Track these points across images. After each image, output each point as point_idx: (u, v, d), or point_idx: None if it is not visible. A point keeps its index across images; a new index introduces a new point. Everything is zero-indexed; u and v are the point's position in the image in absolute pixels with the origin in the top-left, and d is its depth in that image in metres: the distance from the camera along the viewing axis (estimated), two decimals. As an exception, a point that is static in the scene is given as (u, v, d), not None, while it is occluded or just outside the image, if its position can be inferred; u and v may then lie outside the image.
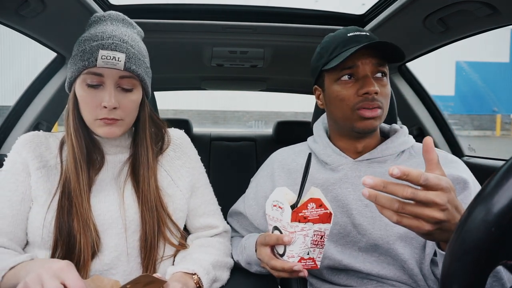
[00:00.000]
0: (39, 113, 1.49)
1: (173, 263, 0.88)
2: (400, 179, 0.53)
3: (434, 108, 1.75)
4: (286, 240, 0.69)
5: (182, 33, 1.41)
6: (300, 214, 0.68)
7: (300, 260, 0.70)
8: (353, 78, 0.84)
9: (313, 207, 0.68)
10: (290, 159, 0.98)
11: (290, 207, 0.69)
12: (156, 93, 2.13)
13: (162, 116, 1.51)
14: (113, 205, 0.82)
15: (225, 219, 1.03)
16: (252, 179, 1.08)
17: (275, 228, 0.73)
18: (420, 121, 1.76)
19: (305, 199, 0.70)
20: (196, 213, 0.95)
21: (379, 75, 0.84)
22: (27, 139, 0.84)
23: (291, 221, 0.68)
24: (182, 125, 1.55)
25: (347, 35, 0.84)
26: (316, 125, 1.01)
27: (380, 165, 0.87)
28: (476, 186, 0.81)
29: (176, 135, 0.98)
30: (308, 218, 0.68)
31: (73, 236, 0.77)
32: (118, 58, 0.76)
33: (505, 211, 0.35)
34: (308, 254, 0.71)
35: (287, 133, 2.14)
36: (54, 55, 1.45)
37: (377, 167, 0.87)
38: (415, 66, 1.71)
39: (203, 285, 0.78)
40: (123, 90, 0.80)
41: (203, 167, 1.00)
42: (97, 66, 0.75)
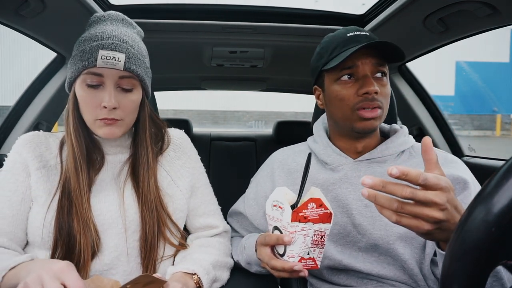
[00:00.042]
0: (39, 113, 1.49)
1: (173, 263, 0.88)
2: (399, 179, 0.53)
3: (434, 108, 1.75)
4: (287, 240, 0.69)
5: (182, 33, 1.41)
6: (300, 214, 0.68)
7: (301, 260, 0.70)
8: (353, 78, 0.84)
9: (313, 207, 0.68)
10: (290, 159, 0.98)
11: (290, 207, 0.69)
12: (156, 93, 2.13)
13: (162, 116, 1.51)
14: (113, 205, 0.82)
15: (225, 219, 1.03)
16: (252, 179, 1.08)
17: (275, 228, 0.73)
18: (420, 121, 1.76)
19: (305, 199, 0.70)
20: (196, 213, 0.95)
21: (379, 75, 0.84)
22: (27, 139, 0.84)
23: (292, 221, 0.68)
24: (182, 125, 1.55)
25: (347, 35, 0.84)
26: (316, 125, 1.01)
27: (380, 165, 0.87)
28: (476, 186, 0.81)
29: (176, 135, 0.98)
30: (308, 218, 0.68)
31: (73, 236, 0.77)
32: (118, 58, 0.76)
33: (505, 211, 0.35)
34: (309, 254, 0.71)
35: (287, 133, 2.14)
36: (54, 55, 1.45)
37: (377, 167, 0.87)
38: (415, 66, 1.71)
39: (203, 285, 0.78)
40: (123, 90, 0.80)
41: (203, 167, 1.00)
42: (97, 66, 0.75)
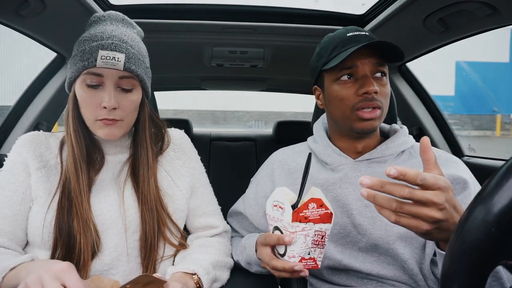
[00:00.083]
0: (39, 113, 1.49)
1: (173, 263, 0.88)
2: (397, 179, 0.53)
3: (434, 108, 1.75)
4: (287, 240, 0.68)
5: (182, 33, 1.41)
6: (301, 214, 0.67)
7: (301, 260, 0.70)
8: (352, 78, 0.84)
9: (314, 207, 0.68)
10: (290, 159, 0.98)
11: (291, 207, 0.69)
12: (156, 93, 2.13)
13: (162, 116, 1.51)
14: (113, 205, 0.82)
15: (225, 219, 1.03)
16: (252, 179, 1.08)
17: (276, 228, 0.73)
18: (420, 121, 1.76)
19: (305, 199, 0.70)
20: (196, 213, 0.95)
21: (378, 75, 0.84)
22: (27, 139, 0.84)
23: (292, 221, 0.67)
24: (182, 125, 1.55)
25: (347, 35, 0.84)
26: (316, 125, 1.01)
27: (380, 165, 0.87)
28: (476, 186, 0.81)
29: (176, 135, 0.98)
30: (309, 218, 0.68)
31: (73, 236, 0.77)
32: (118, 58, 0.76)
33: (505, 211, 0.35)
34: (309, 254, 0.71)
35: (287, 133, 2.14)
36: (54, 55, 1.45)
37: (377, 167, 0.87)
38: (415, 66, 1.71)
39: (203, 285, 0.78)
40: (122, 90, 0.80)
41: (203, 167, 1.00)
42: (96, 66, 0.75)
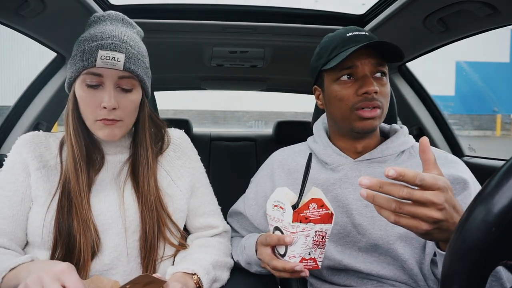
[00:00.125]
0: (39, 113, 1.49)
1: (173, 263, 0.88)
2: (396, 179, 0.53)
3: (434, 108, 1.75)
4: (288, 241, 0.68)
5: (182, 33, 1.41)
6: (301, 215, 0.67)
7: (302, 261, 0.70)
8: (352, 78, 0.84)
9: (314, 208, 0.68)
10: (290, 159, 0.98)
11: (291, 208, 0.69)
12: (156, 93, 2.13)
13: (162, 116, 1.51)
14: (113, 205, 0.82)
15: (225, 219, 1.03)
16: (252, 179, 1.08)
17: (276, 229, 0.73)
18: (420, 121, 1.76)
19: (306, 199, 0.70)
20: (196, 213, 0.95)
21: (378, 74, 0.84)
22: (27, 139, 0.84)
23: (293, 222, 0.67)
24: (182, 125, 1.55)
25: (346, 35, 0.84)
26: (316, 125, 1.01)
27: (380, 165, 0.87)
28: (476, 186, 0.81)
29: (176, 135, 0.98)
30: (310, 219, 0.68)
31: (73, 236, 0.77)
32: (118, 58, 0.76)
33: (505, 211, 0.35)
34: (310, 254, 0.71)
35: (287, 133, 2.14)
36: (54, 55, 1.45)
37: (377, 167, 0.87)
38: (415, 66, 1.71)
39: (203, 285, 0.78)
40: (122, 90, 0.80)
41: (203, 167, 1.00)
42: (96, 66, 0.75)
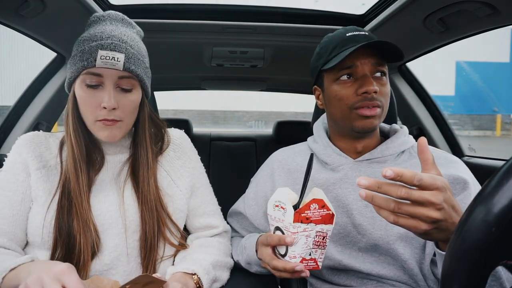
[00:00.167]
0: (39, 113, 1.49)
1: (173, 263, 0.88)
2: (394, 180, 0.53)
3: (434, 108, 1.75)
4: (289, 241, 0.68)
5: (182, 33, 1.41)
6: (302, 215, 0.67)
7: (302, 261, 0.70)
8: (352, 77, 0.84)
9: (315, 208, 0.68)
10: (290, 159, 0.98)
11: (292, 208, 0.69)
12: (156, 93, 2.13)
13: (162, 116, 1.51)
14: (113, 205, 0.82)
15: (225, 219, 1.03)
16: (252, 179, 1.08)
17: (277, 229, 0.73)
18: (420, 121, 1.76)
19: (307, 199, 0.70)
20: (196, 213, 0.95)
21: (378, 74, 0.84)
22: (27, 139, 0.84)
23: (294, 222, 0.67)
24: (182, 125, 1.55)
25: (346, 35, 0.84)
26: (316, 125, 1.01)
27: (380, 165, 0.87)
28: (476, 186, 0.81)
29: (176, 135, 0.98)
30: (311, 219, 0.68)
31: (73, 236, 0.77)
32: (117, 58, 0.76)
33: (505, 211, 0.35)
34: (310, 254, 0.71)
35: (287, 133, 2.14)
36: (54, 55, 1.45)
37: (377, 167, 0.87)
38: (415, 66, 1.71)
39: (203, 285, 0.78)
40: (122, 90, 0.80)
41: (203, 167, 1.00)
42: (96, 66, 0.75)
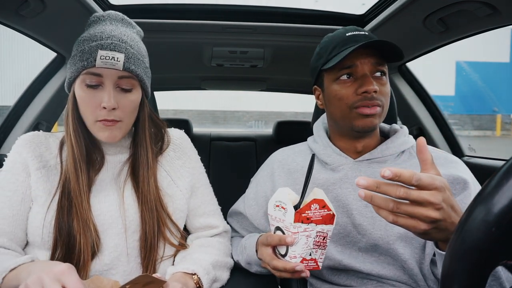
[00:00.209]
0: (39, 113, 1.49)
1: (173, 263, 0.88)
2: (392, 180, 0.53)
3: (434, 108, 1.75)
4: (289, 241, 0.68)
5: (182, 33, 1.41)
6: (303, 215, 0.67)
7: (302, 261, 0.70)
8: (352, 77, 0.84)
9: (316, 208, 0.68)
10: (290, 159, 0.98)
11: (293, 208, 0.69)
12: (156, 93, 2.13)
13: (162, 116, 1.51)
14: (113, 205, 0.82)
15: (225, 219, 1.03)
16: (252, 179, 1.08)
17: (277, 229, 0.73)
18: (420, 121, 1.76)
19: (308, 200, 0.70)
20: (196, 213, 0.95)
21: (378, 74, 0.84)
22: (27, 139, 0.84)
23: (294, 222, 0.67)
24: (182, 125, 1.55)
25: (346, 34, 0.84)
26: (316, 125, 1.01)
27: (380, 165, 0.87)
28: (476, 186, 0.81)
29: (176, 135, 0.98)
30: (311, 219, 0.68)
31: (73, 236, 0.77)
32: (117, 58, 0.76)
33: (505, 211, 0.35)
34: (310, 255, 0.71)
35: (287, 133, 2.14)
36: (54, 55, 1.45)
37: (377, 167, 0.87)
38: (415, 66, 1.71)
39: (203, 285, 0.78)
40: (122, 90, 0.80)
41: (203, 167, 1.00)
42: (96, 66, 0.75)
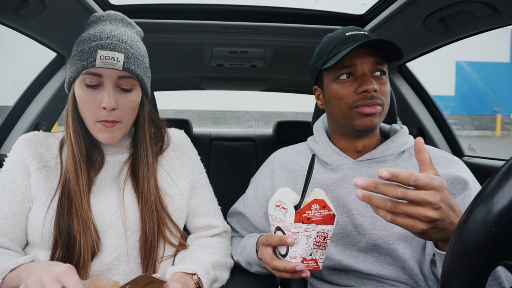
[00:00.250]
0: (39, 113, 1.49)
1: (173, 263, 0.88)
2: (390, 180, 0.53)
3: (434, 108, 1.75)
4: (290, 241, 0.68)
5: (182, 33, 1.41)
6: (303, 215, 0.67)
7: (303, 261, 0.70)
8: (351, 77, 0.84)
9: (316, 208, 0.68)
10: (290, 159, 0.98)
11: (293, 208, 0.69)
12: (156, 93, 2.13)
13: (162, 116, 1.51)
14: (113, 205, 0.82)
15: (225, 219, 1.03)
16: (252, 179, 1.08)
17: (278, 229, 0.73)
18: (420, 121, 1.76)
19: (308, 200, 0.70)
20: (196, 213, 0.95)
21: (378, 73, 0.84)
22: (27, 139, 0.84)
23: (295, 222, 0.67)
24: (182, 125, 1.55)
25: (345, 34, 0.84)
26: (316, 125, 1.01)
27: (380, 165, 0.87)
28: (476, 186, 0.81)
29: (176, 135, 0.98)
30: (312, 219, 0.68)
31: (73, 236, 0.77)
32: (117, 58, 0.75)
33: (505, 211, 0.35)
34: (311, 255, 0.71)
35: (287, 133, 2.14)
36: (54, 55, 1.45)
37: (377, 167, 0.87)
38: (415, 66, 1.71)
39: (203, 285, 0.78)
40: (122, 90, 0.80)
41: (203, 167, 1.00)
42: (95, 66, 0.75)
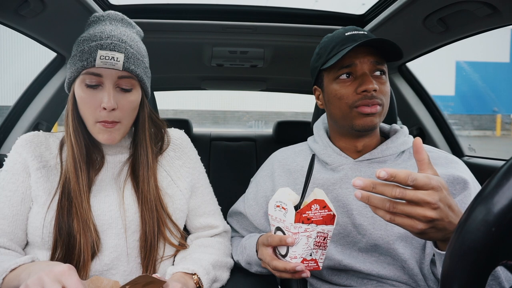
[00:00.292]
0: (39, 113, 1.49)
1: (173, 263, 0.88)
2: (388, 181, 0.53)
3: (434, 108, 1.75)
4: (290, 241, 0.68)
5: (182, 33, 1.41)
6: (304, 215, 0.67)
7: (303, 261, 0.70)
8: (351, 76, 0.84)
9: (317, 208, 0.68)
10: (290, 159, 0.98)
11: (294, 208, 0.69)
12: (156, 93, 2.13)
13: (162, 116, 1.51)
14: (113, 205, 0.82)
15: (225, 219, 1.03)
16: (252, 179, 1.08)
17: (278, 229, 0.73)
18: (420, 121, 1.76)
19: (308, 200, 0.70)
20: (196, 213, 0.95)
21: (377, 73, 0.84)
22: (27, 139, 0.84)
23: (295, 222, 0.67)
24: (182, 125, 1.55)
25: (345, 34, 0.85)
26: (316, 125, 1.01)
27: (380, 165, 0.87)
28: (476, 186, 0.81)
29: (176, 135, 0.98)
30: (312, 219, 0.68)
31: (73, 236, 0.77)
32: (117, 58, 0.75)
33: (505, 211, 0.35)
34: (311, 255, 0.71)
35: (287, 133, 2.14)
36: (54, 55, 1.45)
37: (377, 167, 0.87)
38: (415, 66, 1.71)
39: (203, 285, 0.78)
40: (122, 90, 0.80)
41: (203, 167, 1.00)
42: (95, 66, 0.75)
